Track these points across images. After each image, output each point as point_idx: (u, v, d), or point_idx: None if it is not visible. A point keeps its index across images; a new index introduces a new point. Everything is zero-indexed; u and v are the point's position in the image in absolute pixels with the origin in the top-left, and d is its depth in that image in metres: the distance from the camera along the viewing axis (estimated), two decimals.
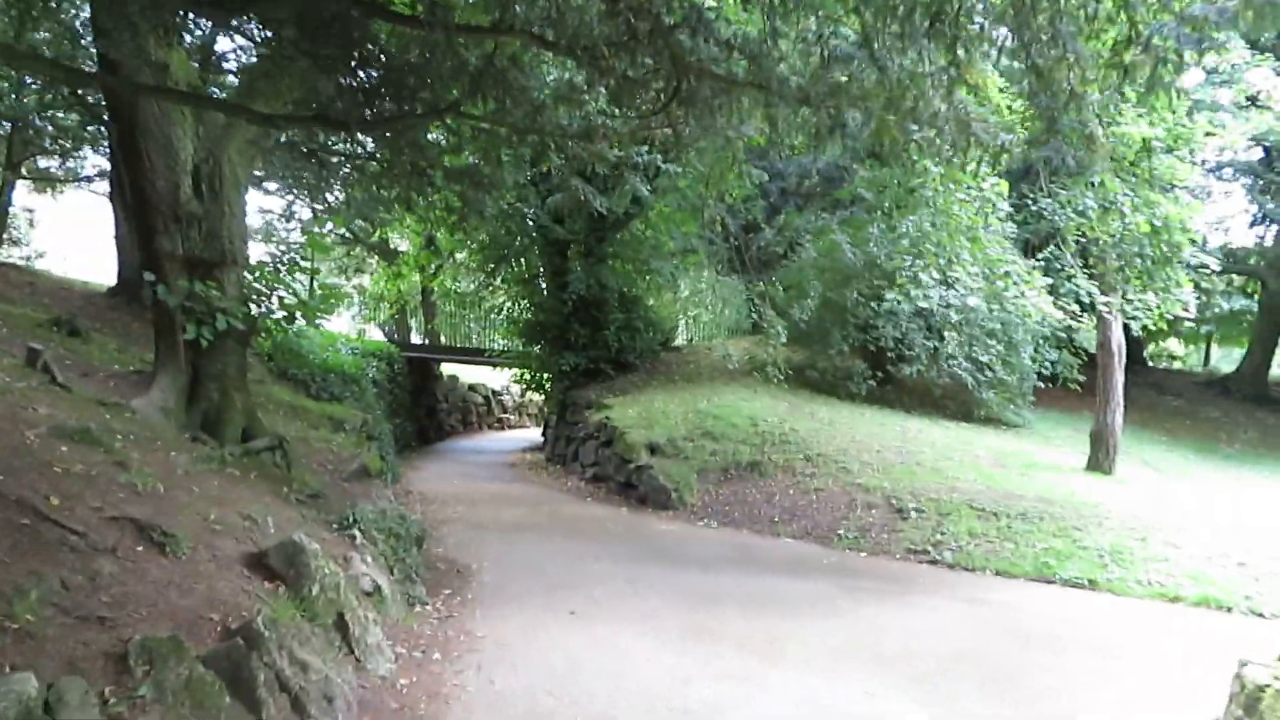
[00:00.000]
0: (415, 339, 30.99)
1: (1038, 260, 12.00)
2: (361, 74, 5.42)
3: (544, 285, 19.99)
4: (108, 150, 16.70)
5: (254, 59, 9.33)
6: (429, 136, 6.75)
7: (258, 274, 8.56)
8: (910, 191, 17.61)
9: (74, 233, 33.81)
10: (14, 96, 15.71)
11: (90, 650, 3.26)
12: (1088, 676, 5.85)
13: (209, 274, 7.98)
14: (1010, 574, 9.14)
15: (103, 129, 15.77)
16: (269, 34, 5.99)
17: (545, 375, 20.19)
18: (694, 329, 24.93)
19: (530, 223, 18.41)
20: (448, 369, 28.38)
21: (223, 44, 14.29)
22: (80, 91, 14.37)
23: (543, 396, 22.15)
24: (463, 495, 13.67)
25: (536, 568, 8.50)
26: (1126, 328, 12.97)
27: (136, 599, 3.72)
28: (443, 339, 30.19)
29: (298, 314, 8.67)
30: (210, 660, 3.51)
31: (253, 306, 8.42)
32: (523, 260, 20.25)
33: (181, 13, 6.89)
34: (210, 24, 9.03)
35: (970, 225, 9.53)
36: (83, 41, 13.33)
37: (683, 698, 4.99)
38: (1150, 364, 28.15)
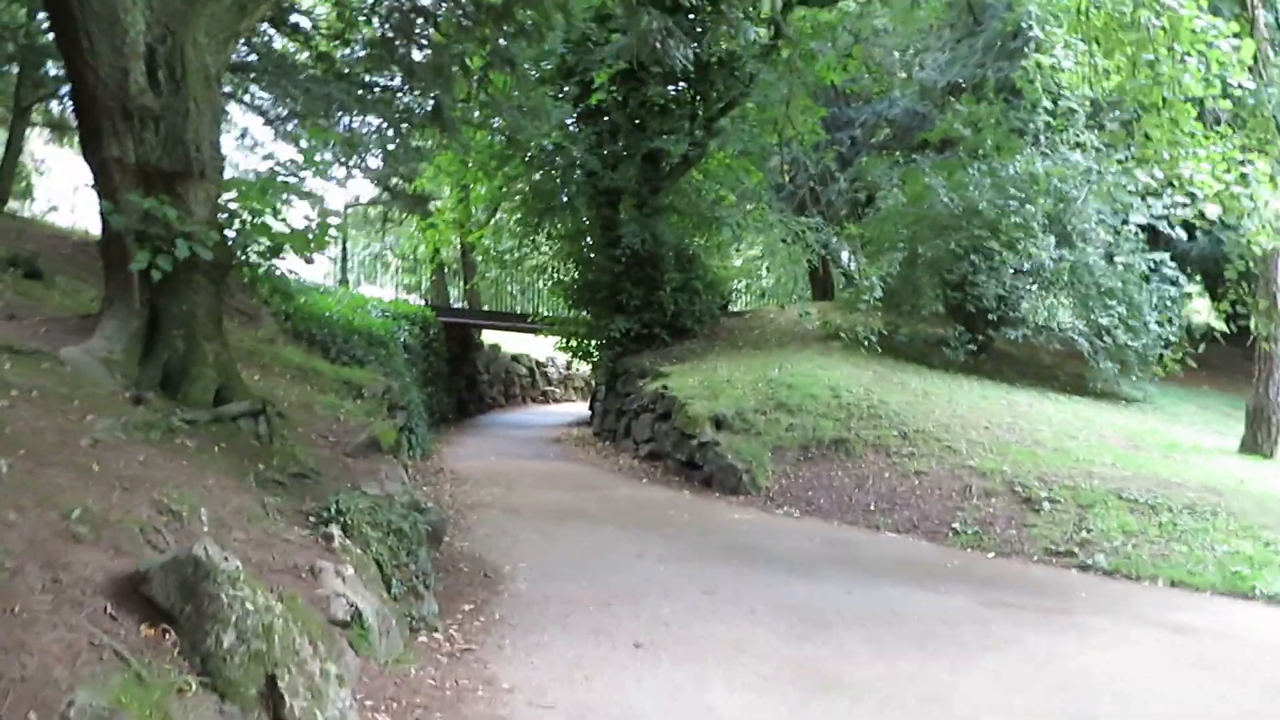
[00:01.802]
0: (455, 306, 29.47)
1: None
2: None
3: (592, 242, 18.11)
4: None
5: None
6: None
7: (237, 192, 6.76)
8: (1013, 131, 15.42)
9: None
10: (23, 31, 14.18)
11: None
12: None
13: (169, 188, 6.18)
14: (1190, 585, 7.08)
15: None
16: None
17: (593, 342, 18.33)
18: (754, 291, 22.89)
19: (577, 169, 16.45)
20: (490, 338, 27.03)
21: None
22: None
23: (590, 365, 20.34)
24: (500, 474, 11.90)
25: (585, 570, 6.64)
26: None
27: None
28: (485, 306, 28.59)
29: (286, 246, 6.85)
30: None
31: (229, 233, 6.62)
32: (569, 215, 18.38)
33: None
34: None
35: (1189, 101, 7.20)
36: None
37: None
38: None
